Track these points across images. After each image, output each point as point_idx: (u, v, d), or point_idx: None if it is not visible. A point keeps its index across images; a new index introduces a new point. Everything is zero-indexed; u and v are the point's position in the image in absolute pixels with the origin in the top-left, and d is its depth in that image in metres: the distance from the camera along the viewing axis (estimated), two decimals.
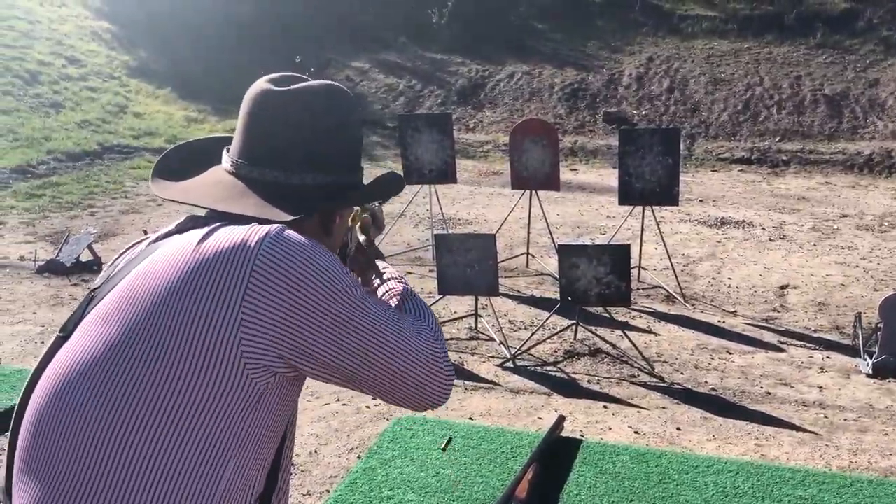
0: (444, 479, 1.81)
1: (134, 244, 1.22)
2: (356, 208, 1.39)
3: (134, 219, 7.89)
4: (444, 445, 1.85)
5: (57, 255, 6.18)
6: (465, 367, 4.50)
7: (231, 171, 1.21)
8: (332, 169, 1.22)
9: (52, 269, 6.06)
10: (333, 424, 3.77)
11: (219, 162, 1.24)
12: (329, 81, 1.25)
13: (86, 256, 6.18)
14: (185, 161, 1.27)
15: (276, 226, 1.08)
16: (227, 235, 1.06)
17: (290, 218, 1.12)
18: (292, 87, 1.20)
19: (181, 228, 1.15)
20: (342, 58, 14.83)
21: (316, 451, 3.51)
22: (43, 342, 4.74)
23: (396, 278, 1.36)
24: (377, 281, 1.37)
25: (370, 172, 1.24)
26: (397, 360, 1.08)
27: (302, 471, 3.32)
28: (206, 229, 1.10)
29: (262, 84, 1.21)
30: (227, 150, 1.24)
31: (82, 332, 1.08)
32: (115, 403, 1.00)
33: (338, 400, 4.04)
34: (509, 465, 1.88)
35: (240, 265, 1.02)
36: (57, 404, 1.04)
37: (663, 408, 4.03)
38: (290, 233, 1.08)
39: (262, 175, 1.18)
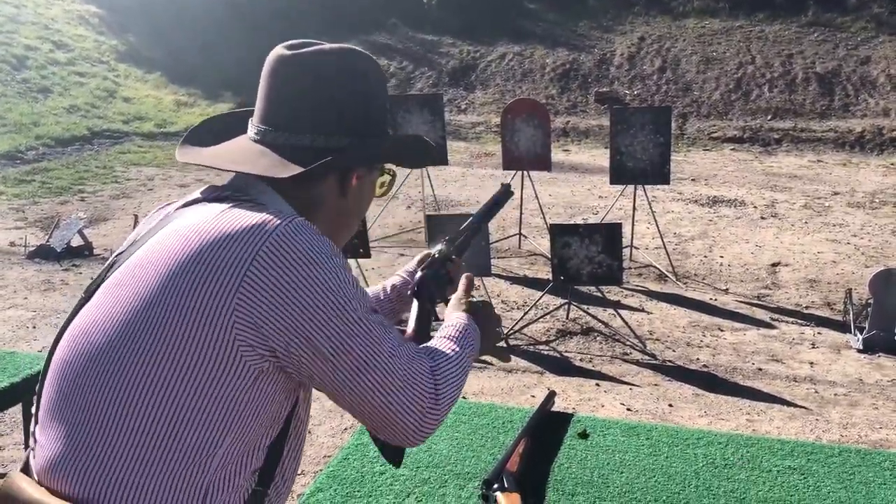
0: (435, 453, 1.82)
1: (161, 207, 1.26)
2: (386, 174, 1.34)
3: (124, 203, 7.86)
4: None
5: (47, 241, 6.15)
6: None
7: (253, 138, 1.23)
8: (347, 131, 1.22)
9: (43, 254, 6.03)
10: (327, 405, 3.78)
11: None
12: (348, 45, 1.26)
13: (76, 242, 6.16)
14: (214, 132, 1.30)
15: (292, 218, 1.08)
16: (239, 219, 1.07)
17: (292, 173, 1.13)
18: (304, 50, 1.21)
19: (206, 197, 1.18)
20: (333, 40, 14.73)
21: (309, 432, 3.52)
22: (35, 326, 4.73)
23: (464, 319, 1.29)
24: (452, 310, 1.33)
25: None
26: (382, 381, 1.06)
27: (308, 445, 3.33)
28: (223, 207, 1.12)
29: (277, 49, 1.23)
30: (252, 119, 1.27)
31: (103, 294, 1.13)
32: (126, 366, 1.04)
33: None
34: (500, 440, 1.89)
35: (243, 252, 1.03)
36: (77, 361, 1.09)
37: (655, 385, 4.05)
38: (304, 229, 1.07)
39: (278, 139, 1.20)
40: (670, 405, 3.82)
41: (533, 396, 3.84)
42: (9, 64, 12.10)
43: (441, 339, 1.21)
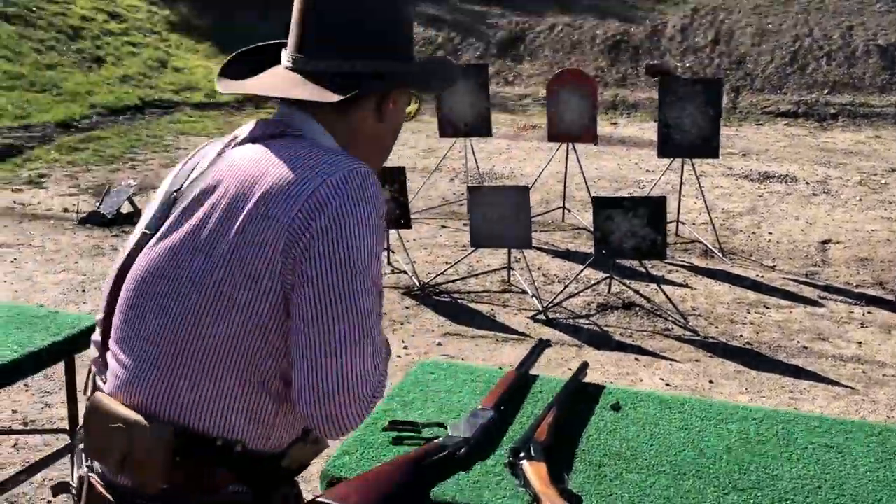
0: None
1: (207, 145, 1.31)
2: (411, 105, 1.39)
3: None
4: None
5: (98, 207, 6.29)
6: (497, 318, 4.50)
7: (288, 67, 1.26)
8: (384, 54, 1.24)
9: (94, 220, 6.17)
10: None
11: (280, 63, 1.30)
12: None
13: (126, 208, 6.28)
14: (249, 63, 1.32)
15: (356, 167, 1.14)
16: (294, 166, 1.13)
17: (338, 98, 1.17)
18: None
19: (260, 134, 1.22)
20: None
21: None
22: (84, 290, 4.85)
23: None
24: None
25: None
26: (344, 352, 1.07)
27: None
28: (278, 148, 1.17)
29: None
30: (285, 49, 1.29)
31: (171, 226, 1.19)
32: (192, 296, 1.13)
33: None
34: (529, 410, 1.88)
35: (296, 201, 1.10)
36: (150, 284, 1.17)
37: (696, 361, 4.00)
38: (355, 181, 1.13)
39: (314, 66, 1.22)
40: (710, 381, 3.77)
41: (570, 369, 3.82)
42: (65, 34, 12.32)
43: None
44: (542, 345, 2.18)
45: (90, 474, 1.20)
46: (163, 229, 1.19)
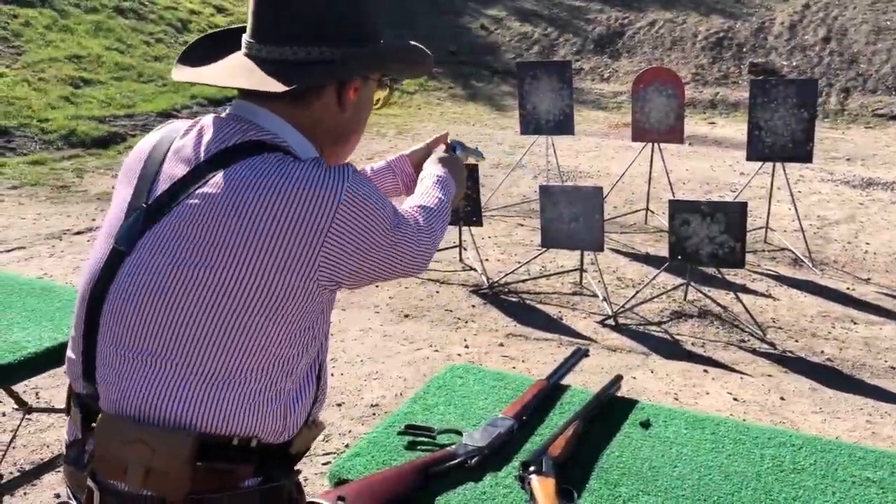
0: None
1: (159, 140, 1.28)
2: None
3: None
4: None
5: None
6: (564, 321, 4.41)
7: (245, 53, 1.25)
8: (341, 40, 1.22)
9: None
10: (422, 369, 3.81)
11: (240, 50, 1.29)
12: None
13: None
14: (209, 49, 1.31)
15: (349, 174, 1.18)
16: (308, 179, 1.15)
17: (285, 89, 1.16)
18: None
19: (225, 148, 1.20)
20: (477, 5, 14.66)
21: (401, 394, 3.56)
22: None
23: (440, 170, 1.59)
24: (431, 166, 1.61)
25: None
26: (402, 266, 1.28)
27: (386, 412, 3.38)
28: (274, 157, 1.18)
29: None
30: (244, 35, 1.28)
31: (158, 242, 1.17)
32: (206, 306, 1.15)
33: (430, 346, 4.07)
34: (554, 421, 1.82)
35: (325, 210, 1.14)
36: (150, 298, 1.16)
37: (769, 375, 3.80)
38: (359, 181, 1.19)
39: (268, 53, 1.21)
40: (782, 398, 3.58)
41: (634, 378, 3.70)
42: (174, 27, 12.82)
43: (429, 191, 1.48)
44: (579, 354, 2.10)
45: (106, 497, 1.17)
46: (148, 245, 1.17)
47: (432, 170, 1.59)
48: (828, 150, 8.73)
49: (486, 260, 5.28)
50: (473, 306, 4.60)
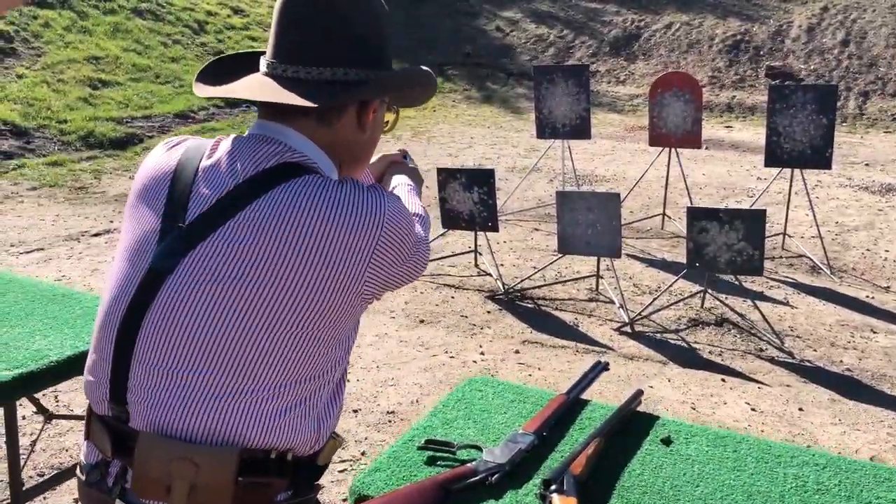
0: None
1: (176, 154, 1.29)
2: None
3: None
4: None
5: None
6: (580, 328, 4.40)
7: (266, 73, 1.27)
8: (366, 63, 1.25)
9: None
10: (438, 376, 3.80)
11: (258, 70, 1.31)
12: None
13: None
14: (227, 68, 1.34)
15: (383, 192, 1.24)
16: (353, 200, 1.20)
17: (315, 106, 1.19)
18: None
19: (258, 172, 1.22)
20: (493, 7, 14.65)
21: (417, 401, 3.56)
22: None
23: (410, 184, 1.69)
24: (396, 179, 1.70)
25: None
26: (416, 272, 1.35)
27: (402, 419, 3.38)
28: (327, 190, 1.20)
29: None
30: (264, 56, 1.30)
31: (200, 264, 1.18)
32: (256, 326, 1.17)
33: (446, 352, 4.06)
34: (575, 437, 1.81)
35: (373, 230, 1.20)
36: (194, 320, 1.17)
37: (787, 385, 3.78)
38: (393, 198, 1.25)
39: (293, 73, 1.24)
40: (801, 409, 3.55)
41: (651, 387, 3.69)
42: (191, 28, 12.88)
43: (410, 199, 1.58)
44: (598, 368, 2.09)
45: None
46: (192, 264, 1.18)
47: (402, 179, 1.68)
48: (846, 155, 8.67)
49: (502, 265, 5.27)
50: (489, 312, 4.60)
